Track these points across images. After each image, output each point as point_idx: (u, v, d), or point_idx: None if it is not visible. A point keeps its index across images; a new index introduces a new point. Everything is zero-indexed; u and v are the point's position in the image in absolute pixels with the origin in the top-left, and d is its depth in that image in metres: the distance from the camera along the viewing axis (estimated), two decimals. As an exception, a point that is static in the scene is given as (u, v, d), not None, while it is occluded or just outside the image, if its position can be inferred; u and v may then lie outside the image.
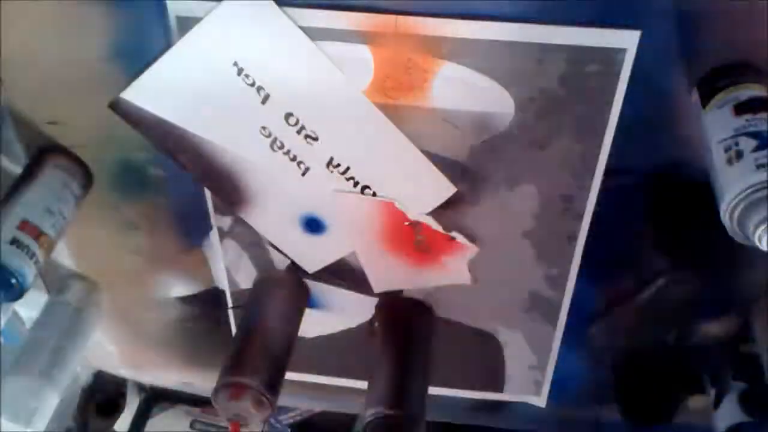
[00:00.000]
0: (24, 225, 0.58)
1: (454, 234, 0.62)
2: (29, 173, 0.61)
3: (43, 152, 0.63)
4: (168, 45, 0.55)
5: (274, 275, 0.70)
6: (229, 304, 0.73)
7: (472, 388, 0.77)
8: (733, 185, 0.46)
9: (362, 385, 0.77)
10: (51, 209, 0.60)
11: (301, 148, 0.59)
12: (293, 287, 0.70)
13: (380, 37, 0.53)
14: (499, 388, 0.75)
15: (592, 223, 0.61)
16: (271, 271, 0.70)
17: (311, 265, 0.68)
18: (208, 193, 0.64)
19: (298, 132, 0.58)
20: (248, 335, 0.66)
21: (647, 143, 0.56)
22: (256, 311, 0.68)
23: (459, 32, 0.52)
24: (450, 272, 0.66)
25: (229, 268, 0.70)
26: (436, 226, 0.62)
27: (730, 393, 0.66)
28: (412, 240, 0.64)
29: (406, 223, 0.62)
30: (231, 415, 0.63)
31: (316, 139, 0.58)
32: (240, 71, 0.55)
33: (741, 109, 0.48)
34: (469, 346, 0.72)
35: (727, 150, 0.47)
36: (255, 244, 0.67)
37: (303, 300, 0.71)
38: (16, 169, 0.63)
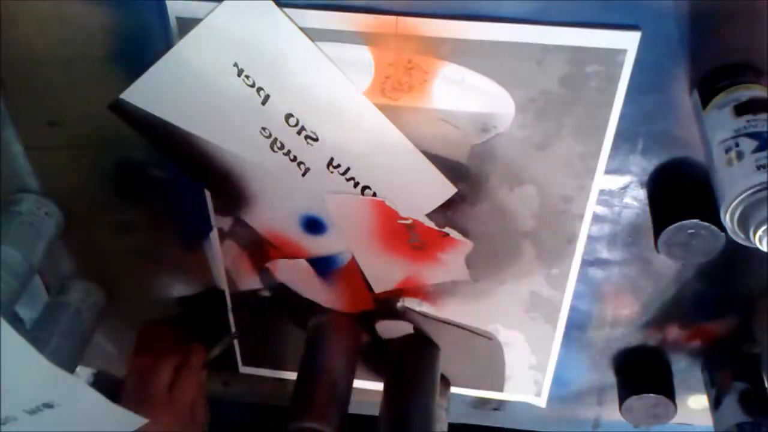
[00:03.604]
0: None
1: (447, 230, 0.62)
2: None
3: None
4: (168, 46, 0.55)
5: (332, 318, 0.71)
6: (229, 304, 0.73)
7: (473, 387, 0.77)
8: (733, 186, 0.46)
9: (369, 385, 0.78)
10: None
11: (302, 148, 0.59)
12: (351, 330, 0.72)
13: (380, 38, 0.53)
14: (499, 388, 0.76)
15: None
16: (329, 314, 0.71)
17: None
18: (208, 193, 0.64)
19: (299, 132, 0.58)
20: (316, 379, 0.68)
21: (647, 143, 0.56)
22: (321, 355, 0.70)
23: (459, 33, 0.52)
24: (447, 268, 0.66)
25: (229, 268, 0.70)
26: (428, 223, 0.62)
27: (730, 393, 0.66)
28: (407, 238, 0.64)
29: (399, 222, 0.62)
30: None
31: (316, 139, 0.58)
32: (240, 72, 0.55)
33: (741, 109, 0.48)
34: (469, 346, 0.72)
35: (727, 151, 0.47)
36: (255, 245, 0.67)
37: (359, 343, 0.73)
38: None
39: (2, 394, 0.51)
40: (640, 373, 0.70)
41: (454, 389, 0.77)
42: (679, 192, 0.57)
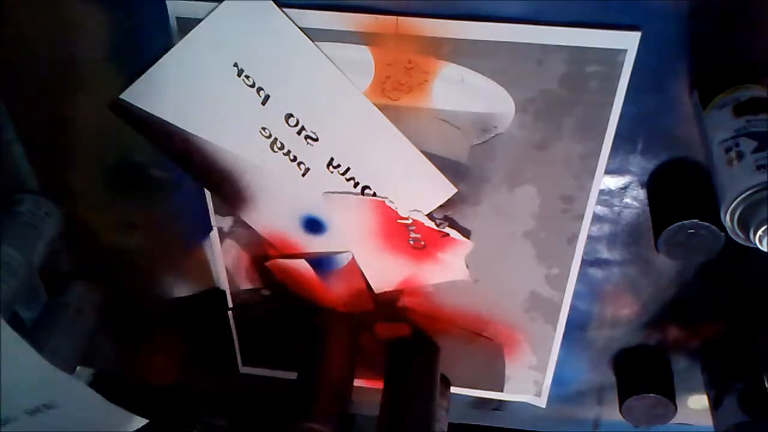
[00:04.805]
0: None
1: (447, 230, 0.62)
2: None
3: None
4: (168, 46, 0.55)
5: (332, 318, 0.71)
6: (229, 304, 0.73)
7: (472, 387, 0.77)
8: (733, 186, 0.46)
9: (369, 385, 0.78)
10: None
11: (302, 148, 0.59)
12: (351, 330, 0.72)
13: (380, 38, 0.53)
14: (499, 388, 0.76)
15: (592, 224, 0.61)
16: (329, 314, 0.71)
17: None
18: (208, 193, 0.64)
19: (299, 132, 0.58)
20: (316, 379, 0.68)
21: (647, 143, 0.56)
22: (321, 355, 0.70)
23: (459, 33, 0.52)
24: (448, 269, 0.66)
25: (229, 268, 0.70)
26: (428, 223, 0.62)
27: (730, 393, 0.66)
28: (407, 238, 0.64)
29: (399, 222, 0.62)
30: None
31: (316, 139, 0.58)
32: (240, 72, 0.55)
33: (741, 109, 0.48)
34: (469, 346, 0.72)
35: (727, 151, 0.47)
36: (255, 245, 0.67)
37: (359, 343, 0.72)
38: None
39: (2, 394, 0.51)
40: (640, 373, 0.70)
41: (454, 389, 0.77)
42: (679, 192, 0.57)
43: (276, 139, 0.59)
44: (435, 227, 0.62)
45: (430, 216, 0.62)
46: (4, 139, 0.63)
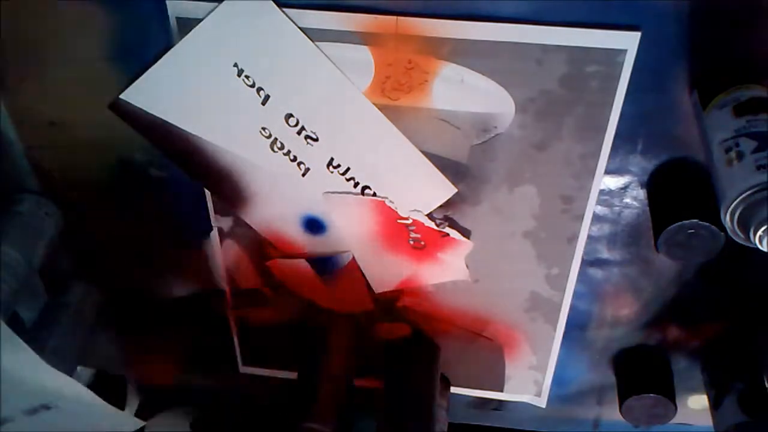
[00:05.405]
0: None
1: (447, 230, 0.62)
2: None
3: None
4: (168, 46, 0.55)
5: (332, 318, 0.71)
6: (230, 304, 0.73)
7: (472, 387, 0.77)
8: (733, 186, 0.46)
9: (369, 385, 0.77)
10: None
11: (302, 148, 0.59)
12: (351, 331, 0.72)
13: (380, 38, 0.53)
14: (499, 388, 0.76)
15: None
16: (329, 314, 0.71)
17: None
18: (208, 193, 0.64)
19: (299, 133, 0.58)
20: (316, 379, 0.68)
21: (647, 143, 0.56)
22: (321, 355, 0.70)
23: (459, 33, 0.52)
24: (448, 269, 0.66)
25: (229, 268, 0.70)
26: (428, 223, 0.62)
27: (730, 393, 0.66)
28: (407, 238, 0.64)
29: (399, 222, 0.62)
30: None
31: (316, 139, 0.58)
32: (240, 72, 0.55)
33: (741, 109, 0.48)
34: (469, 346, 0.72)
35: (727, 151, 0.47)
36: (255, 245, 0.67)
37: (359, 344, 0.72)
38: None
39: (1, 394, 0.51)
40: (640, 373, 0.70)
41: (454, 389, 0.77)
42: (679, 192, 0.57)
43: (276, 139, 0.59)
44: (435, 227, 0.62)
45: (430, 216, 0.62)
46: (4, 139, 0.63)
